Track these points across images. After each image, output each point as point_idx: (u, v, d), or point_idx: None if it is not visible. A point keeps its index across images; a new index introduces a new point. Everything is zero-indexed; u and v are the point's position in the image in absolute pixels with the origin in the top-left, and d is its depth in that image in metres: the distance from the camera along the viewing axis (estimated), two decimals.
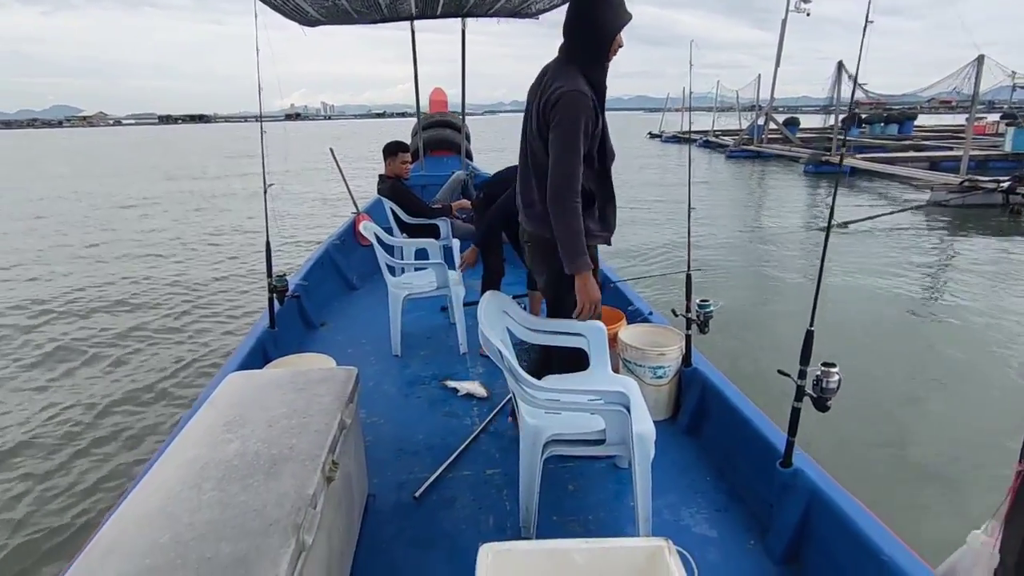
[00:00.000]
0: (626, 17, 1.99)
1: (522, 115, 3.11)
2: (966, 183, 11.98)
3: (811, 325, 1.81)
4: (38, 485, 3.33)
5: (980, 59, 13.63)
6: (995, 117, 29.68)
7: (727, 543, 1.99)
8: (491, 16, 3.91)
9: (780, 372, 1.85)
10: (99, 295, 6.96)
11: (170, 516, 1.29)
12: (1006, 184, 11.45)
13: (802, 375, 1.80)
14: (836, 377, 1.72)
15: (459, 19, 4.55)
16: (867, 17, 1.57)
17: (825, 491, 1.77)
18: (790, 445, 1.90)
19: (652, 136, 38.95)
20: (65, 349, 5.33)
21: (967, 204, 11.63)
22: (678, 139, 34.95)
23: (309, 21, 3.58)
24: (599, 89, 2.02)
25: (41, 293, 7.04)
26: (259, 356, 2.94)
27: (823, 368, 1.73)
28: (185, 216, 12.89)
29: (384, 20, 3.89)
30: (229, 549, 1.18)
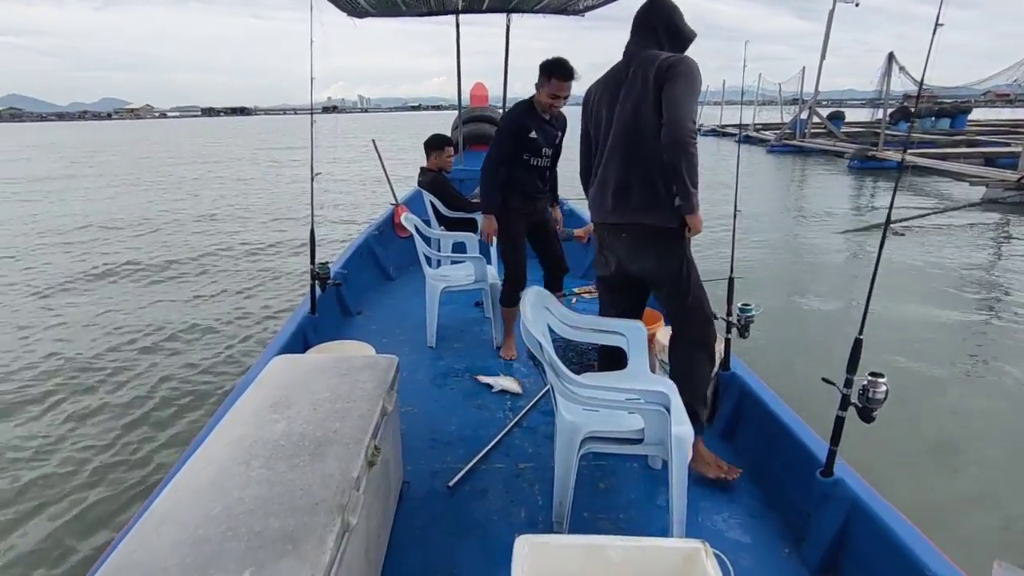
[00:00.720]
0: None
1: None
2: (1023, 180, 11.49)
3: (860, 333, 1.76)
4: (88, 453, 3.49)
5: None
6: None
7: (761, 550, 1.97)
8: (537, 12, 3.88)
9: (824, 380, 1.81)
10: (153, 271, 7.24)
11: (221, 490, 1.35)
12: None
13: (848, 384, 1.76)
14: (884, 388, 1.68)
15: (504, 14, 4.54)
16: (937, 20, 1.52)
17: (867, 502, 1.73)
18: (832, 454, 1.86)
19: None
20: (119, 319, 5.58)
21: None
22: (716, 132, 34.27)
23: (359, 12, 3.63)
24: None
25: (96, 271, 7.35)
26: (300, 340, 3.02)
27: (870, 378, 1.69)
28: (237, 201, 13.30)
29: (431, 13, 3.91)
30: (278, 524, 1.23)
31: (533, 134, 3.08)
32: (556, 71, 2.95)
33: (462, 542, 2.02)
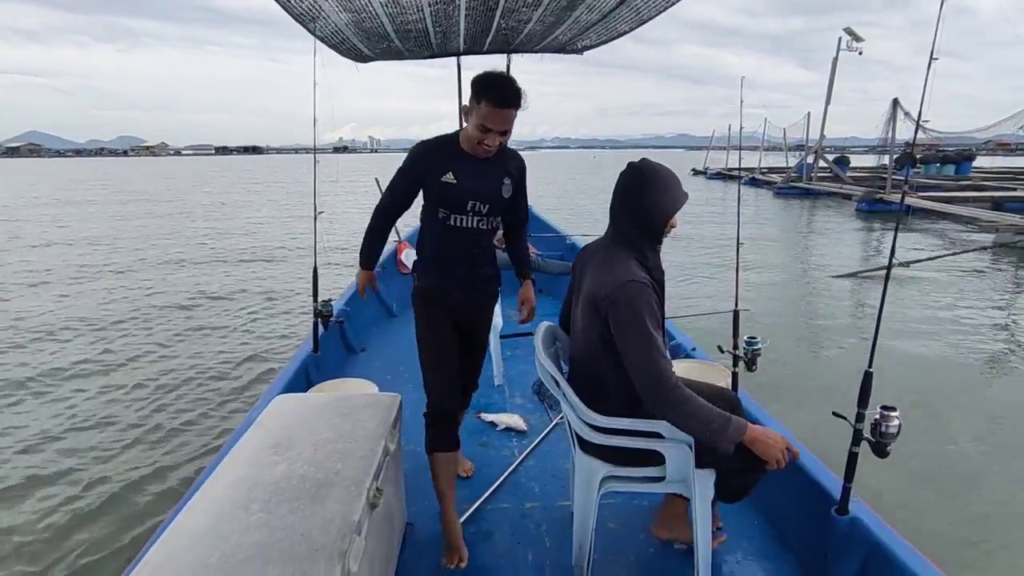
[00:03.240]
0: (683, 199, 1.79)
1: (563, 151, 3.05)
2: None
3: (870, 366, 1.74)
4: (83, 499, 3.40)
5: None
6: None
7: None
8: (537, 52, 4.00)
9: (835, 414, 1.78)
10: (153, 309, 7.25)
11: (219, 536, 1.31)
12: None
13: (859, 418, 1.72)
14: (896, 421, 1.65)
15: (504, 55, 4.68)
16: (931, 57, 1.54)
17: (886, 543, 1.68)
18: (847, 491, 1.81)
19: (696, 172, 38.75)
20: (115, 359, 5.55)
21: None
22: (722, 176, 34.69)
23: (362, 58, 3.74)
24: (656, 273, 1.79)
25: (101, 306, 7.38)
26: (302, 379, 3.00)
27: (882, 411, 1.66)
28: (251, 237, 13.42)
29: (433, 56, 4.03)
30: (276, 573, 1.19)
31: (450, 176, 2.01)
32: (488, 91, 1.85)
33: None
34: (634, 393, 1.72)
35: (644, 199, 1.75)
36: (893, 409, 1.65)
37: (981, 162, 33.61)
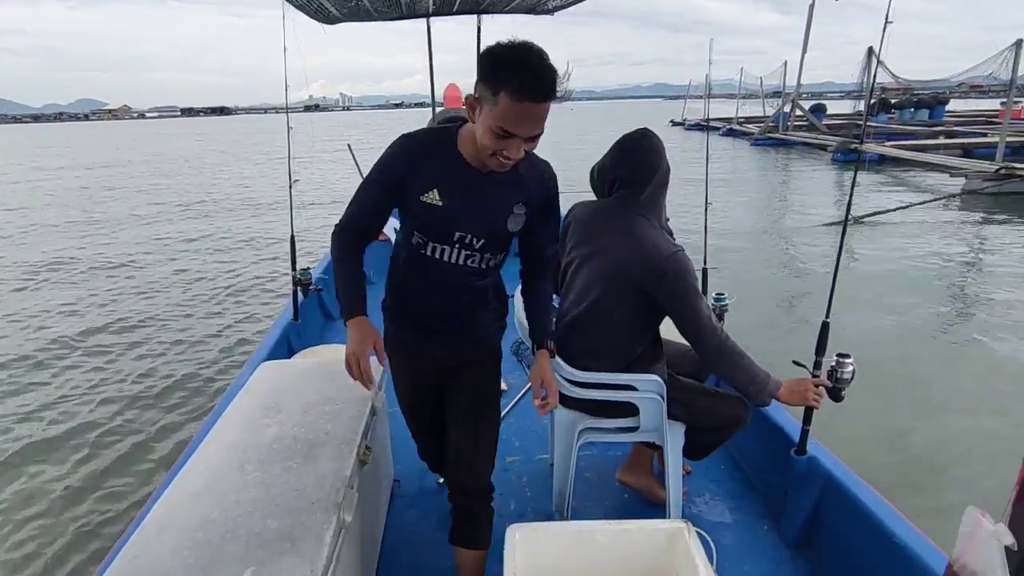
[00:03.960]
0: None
1: None
2: (1002, 170, 11.73)
3: (827, 316, 1.85)
4: (80, 467, 3.46)
5: (1019, 43, 13.36)
6: None
7: (741, 528, 2.06)
8: (507, 13, 3.93)
9: (795, 363, 1.89)
10: (134, 282, 7.21)
11: (218, 494, 1.39)
12: None
13: (817, 366, 1.83)
14: (851, 368, 1.75)
15: (475, 16, 4.58)
16: (887, 18, 1.60)
17: (839, 478, 1.82)
18: (805, 434, 1.94)
19: (674, 124, 38.54)
20: (102, 332, 5.56)
21: (1003, 192, 11.39)
22: (701, 127, 34.56)
23: (330, 20, 3.66)
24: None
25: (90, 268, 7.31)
26: (284, 347, 3.04)
27: (838, 358, 1.76)
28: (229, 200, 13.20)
29: (402, 17, 3.95)
30: (275, 525, 1.27)
31: (433, 195, 1.42)
32: (515, 75, 1.20)
33: None
34: (631, 354, 1.86)
35: (662, 165, 1.86)
36: (848, 356, 1.76)
37: (955, 105, 33.96)
